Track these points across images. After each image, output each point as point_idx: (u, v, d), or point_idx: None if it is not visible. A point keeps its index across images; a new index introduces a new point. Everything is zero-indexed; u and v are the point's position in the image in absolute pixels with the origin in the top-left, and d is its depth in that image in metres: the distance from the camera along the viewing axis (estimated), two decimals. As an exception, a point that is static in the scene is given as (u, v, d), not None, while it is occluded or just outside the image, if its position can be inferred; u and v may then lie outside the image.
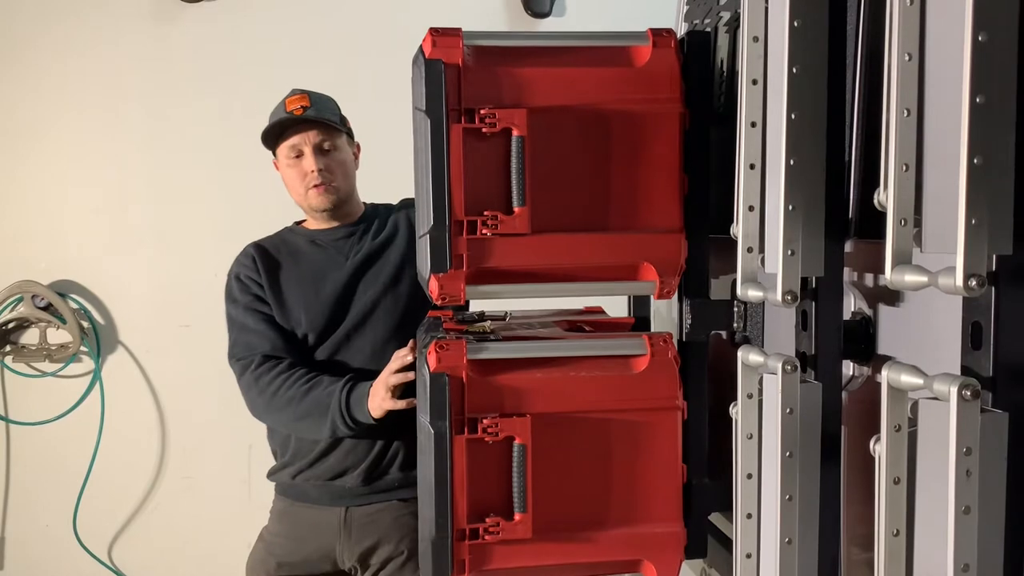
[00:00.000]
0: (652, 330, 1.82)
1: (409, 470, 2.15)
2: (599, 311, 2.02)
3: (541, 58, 1.49)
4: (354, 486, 2.14)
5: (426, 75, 1.42)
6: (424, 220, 1.46)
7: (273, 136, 2.14)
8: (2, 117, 3.31)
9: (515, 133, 1.43)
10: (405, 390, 1.94)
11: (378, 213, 2.26)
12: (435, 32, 1.45)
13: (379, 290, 2.16)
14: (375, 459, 2.13)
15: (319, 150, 2.12)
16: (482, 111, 1.43)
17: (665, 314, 1.95)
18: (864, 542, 1.22)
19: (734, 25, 1.76)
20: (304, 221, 2.27)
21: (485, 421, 1.45)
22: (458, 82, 1.43)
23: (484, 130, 1.43)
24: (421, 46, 1.46)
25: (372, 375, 2.01)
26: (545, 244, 1.47)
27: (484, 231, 1.44)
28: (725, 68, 1.76)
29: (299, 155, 2.12)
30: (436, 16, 1.56)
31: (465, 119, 1.43)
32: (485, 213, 1.44)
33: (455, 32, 1.45)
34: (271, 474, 2.28)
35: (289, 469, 2.20)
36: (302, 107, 2.10)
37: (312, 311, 2.13)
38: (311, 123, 2.11)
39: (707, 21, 1.92)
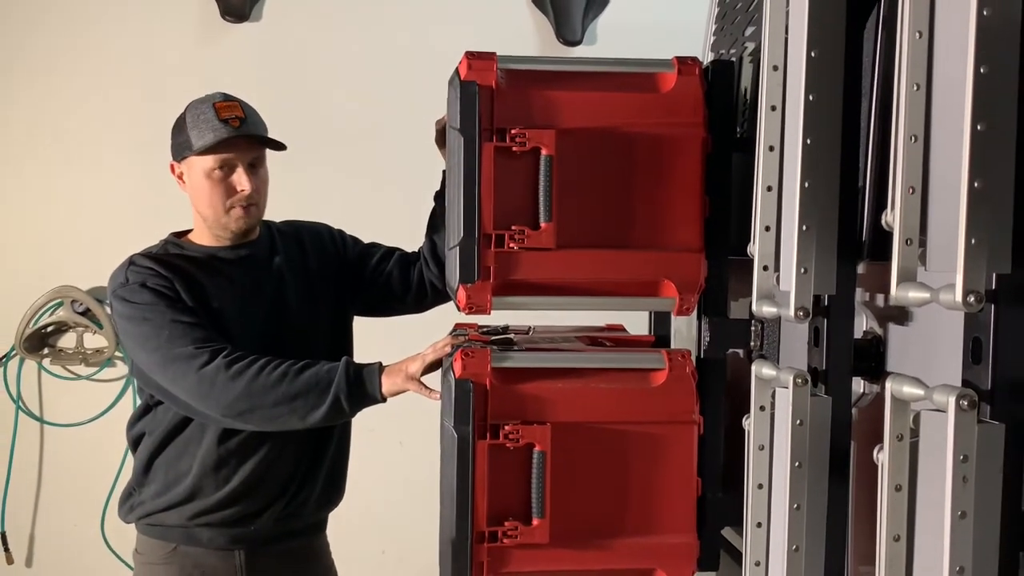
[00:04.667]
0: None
1: (325, 509, 2.08)
2: (620, 328, 2.07)
3: (570, 82, 1.56)
4: (262, 528, 1.97)
5: (461, 95, 1.49)
6: (454, 232, 1.53)
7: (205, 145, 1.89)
8: (44, 127, 3.42)
9: (544, 152, 1.50)
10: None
11: (270, 232, 2.08)
12: (471, 56, 1.52)
13: (313, 311, 2.04)
14: (291, 498, 1.99)
15: (250, 168, 1.93)
16: (513, 131, 1.49)
17: (685, 333, 1.99)
18: (869, 556, 1.26)
19: (758, 55, 1.82)
20: (187, 234, 2.04)
21: (507, 428, 1.50)
22: (491, 103, 1.50)
23: (514, 149, 1.50)
24: (457, 68, 1.53)
25: None
26: (569, 259, 1.53)
27: (511, 244, 1.51)
28: (748, 96, 1.82)
29: (229, 170, 1.92)
30: (472, 42, 1.63)
31: (497, 138, 1.50)
32: (513, 227, 1.50)
33: (490, 56, 1.52)
34: (148, 514, 1.98)
35: (183, 509, 1.95)
36: (237, 118, 1.90)
37: (244, 331, 1.94)
38: (249, 138, 1.92)
39: (732, 51, 1.98)
